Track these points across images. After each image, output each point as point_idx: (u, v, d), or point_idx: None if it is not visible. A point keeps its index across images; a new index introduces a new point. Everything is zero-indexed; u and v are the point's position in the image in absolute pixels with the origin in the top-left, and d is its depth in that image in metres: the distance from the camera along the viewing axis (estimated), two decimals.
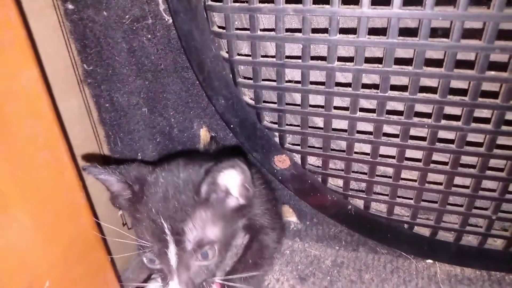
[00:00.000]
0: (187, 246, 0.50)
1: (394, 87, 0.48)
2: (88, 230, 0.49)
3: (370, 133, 0.52)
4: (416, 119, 0.49)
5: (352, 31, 0.45)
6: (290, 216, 0.74)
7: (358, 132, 0.53)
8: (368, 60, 0.47)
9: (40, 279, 0.43)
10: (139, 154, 0.66)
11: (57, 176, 0.43)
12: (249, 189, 0.55)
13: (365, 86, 0.49)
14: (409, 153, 0.52)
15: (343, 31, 0.46)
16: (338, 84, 0.50)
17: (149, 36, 0.57)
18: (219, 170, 0.51)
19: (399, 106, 0.50)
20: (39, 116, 0.40)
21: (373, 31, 0.45)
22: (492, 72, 0.43)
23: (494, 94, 0.45)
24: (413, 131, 0.50)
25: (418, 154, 0.52)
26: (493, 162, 0.50)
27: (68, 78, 0.63)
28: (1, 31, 0.35)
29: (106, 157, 0.68)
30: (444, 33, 0.43)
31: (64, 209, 0.45)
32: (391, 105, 0.51)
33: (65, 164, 0.44)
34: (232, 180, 0.53)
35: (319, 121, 0.55)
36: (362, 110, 0.51)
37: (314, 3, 0.45)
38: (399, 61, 0.46)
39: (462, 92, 0.46)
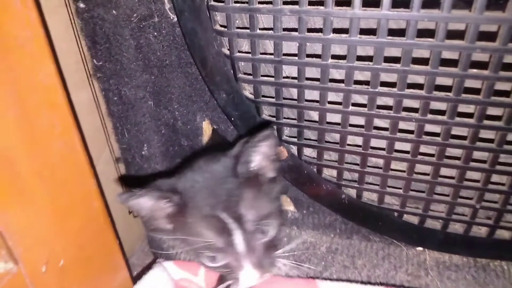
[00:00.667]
0: (249, 227, 0.51)
1: (386, 84, 0.52)
2: (99, 214, 0.53)
3: (362, 126, 0.56)
4: (404, 113, 0.52)
5: (346, 31, 0.49)
6: (288, 206, 0.78)
7: (351, 125, 0.56)
8: (362, 58, 0.51)
9: (55, 257, 0.47)
10: (145, 145, 0.70)
11: (71, 163, 0.47)
12: (278, 159, 0.58)
13: (357, 82, 0.53)
14: (398, 145, 0.56)
15: (338, 30, 0.49)
16: (332, 80, 0.54)
17: (155, 33, 0.60)
18: (255, 145, 0.52)
19: (389, 101, 0.53)
20: (55, 108, 0.44)
21: (367, 31, 0.48)
22: (474, 70, 0.47)
23: (477, 91, 0.48)
24: (402, 125, 0.54)
25: (407, 146, 0.55)
26: (476, 154, 0.53)
27: (78, 72, 0.67)
28: (22, 30, 0.39)
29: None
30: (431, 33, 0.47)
31: (77, 194, 0.49)
32: (383, 100, 0.55)
33: (78, 153, 0.48)
34: (263, 153, 0.55)
35: (315, 115, 0.58)
36: (355, 104, 0.55)
37: (310, 4, 0.48)
38: (392, 59, 0.49)
39: (448, 88, 0.49)
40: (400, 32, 0.47)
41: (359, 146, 0.58)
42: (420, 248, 0.69)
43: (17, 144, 0.40)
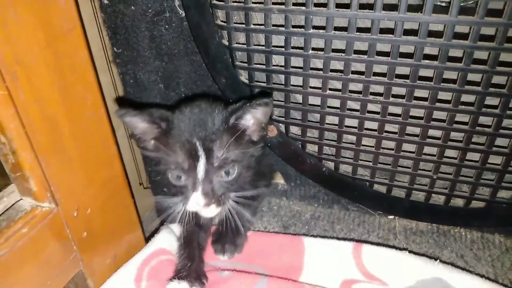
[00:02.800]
0: (214, 162, 0.59)
1: (356, 72, 0.62)
2: (118, 174, 0.64)
3: (338, 108, 0.67)
4: (371, 97, 0.63)
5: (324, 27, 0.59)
6: (278, 179, 0.89)
7: (329, 107, 0.67)
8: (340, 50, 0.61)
9: (84, 206, 0.58)
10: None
11: (98, 130, 0.58)
12: (265, 130, 0.66)
13: (334, 70, 0.63)
14: (367, 124, 0.66)
15: (318, 27, 0.60)
16: (314, 69, 0.65)
17: (166, 26, 0.71)
18: (254, 107, 0.60)
19: (359, 86, 0.64)
20: (87, 84, 0.55)
21: (343, 28, 0.59)
22: (426, 61, 0.57)
23: (430, 78, 0.59)
24: (370, 107, 0.64)
25: (374, 125, 0.66)
26: (431, 132, 0.64)
27: (99, 58, 0.78)
28: (65, 22, 0.50)
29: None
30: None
31: (101, 156, 0.60)
32: (358, 86, 0.65)
33: (104, 122, 0.59)
34: (256, 117, 0.62)
35: (299, 98, 0.69)
36: (332, 89, 0.65)
37: (294, 4, 0.58)
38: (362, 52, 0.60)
39: (407, 76, 0.60)
40: (367, 30, 0.57)
41: (336, 125, 0.69)
42: (391, 216, 0.80)
43: (60, 111, 0.51)
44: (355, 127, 0.68)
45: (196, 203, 0.59)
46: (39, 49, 0.46)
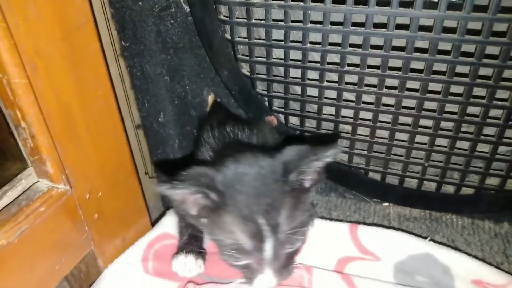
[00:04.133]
0: (282, 237, 0.50)
1: (352, 65, 0.66)
2: (127, 161, 0.68)
3: (334, 99, 0.70)
4: (365, 88, 0.66)
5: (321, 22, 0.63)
6: None
7: (326, 98, 0.71)
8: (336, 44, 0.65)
9: (96, 189, 0.62)
10: (161, 113, 0.85)
11: (108, 119, 0.62)
12: (321, 174, 0.56)
13: (331, 63, 0.67)
14: (362, 115, 0.70)
15: (316, 22, 0.63)
16: (311, 61, 0.68)
17: (172, 21, 0.75)
18: (321, 159, 0.51)
19: (355, 78, 0.67)
20: (99, 75, 0.58)
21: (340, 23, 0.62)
22: (417, 54, 0.61)
23: (421, 71, 0.63)
24: (365, 98, 0.68)
25: (369, 115, 0.70)
26: (423, 122, 0.68)
27: (107, 52, 0.81)
28: (80, 17, 0.53)
29: None
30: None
31: (111, 143, 0.64)
32: (353, 78, 0.69)
33: (114, 111, 0.63)
34: (320, 167, 0.54)
35: (298, 89, 0.73)
36: (328, 81, 0.69)
37: (293, 0, 0.62)
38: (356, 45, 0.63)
39: (399, 68, 0.63)
40: (362, 25, 0.61)
41: (333, 115, 0.72)
42: (385, 204, 0.84)
43: (74, 100, 0.55)
44: (351, 117, 0.71)
45: (266, 285, 0.52)
46: (56, 42, 0.50)
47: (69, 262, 0.60)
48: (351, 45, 0.63)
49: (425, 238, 0.76)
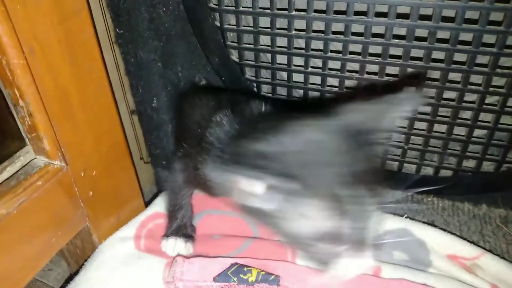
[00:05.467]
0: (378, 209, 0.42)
1: (335, 51, 0.69)
2: (120, 142, 0.71)
3: (319, 84, 0.74)
4: (347, 74, 0.70)
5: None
6: None
7: (311, 83, 0.74)
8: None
9: (90, 168, 0.66)
10: (154, 99, 0.88)
11: (102, 101, 0.65)
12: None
13: (315, 49, 0.70)
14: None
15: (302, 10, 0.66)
16: (297, 48, 0.71)
17: (164, 9, 0.77)
18: (392, 110, 0.43)
19: (338, 64, 0.70)
20: (93, 59, 0.62)
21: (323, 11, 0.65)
22: (396, 40, 0.64)
23: (400, 57, 0.66)
24: (347, 82, 0.71)
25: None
26: None
27: (102, 39, 0.84)
28: (75, 3, 0.57)
29: None
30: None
31: (105, 124, 0.67)
32: (336, 64, 0.72)
33: (108, 94, 0.66)
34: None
35: (285, 75, 0.76)
36: (313, 67, 0.72)
37: None
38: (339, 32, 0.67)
39: (379, 55, 0.67)
40: (343, 12, 0.64)
41: (318, 100, 0.76)
42: None
43: (69, 82, 0.58)
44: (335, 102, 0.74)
45: (362, 267, 0.44)
46: (52, 26, 0.53)
47: (65, 236, 0.63)
48: (334, 32, 0.66)
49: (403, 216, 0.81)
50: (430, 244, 0.69)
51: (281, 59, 0.74)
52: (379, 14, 0.62)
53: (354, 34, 0.65)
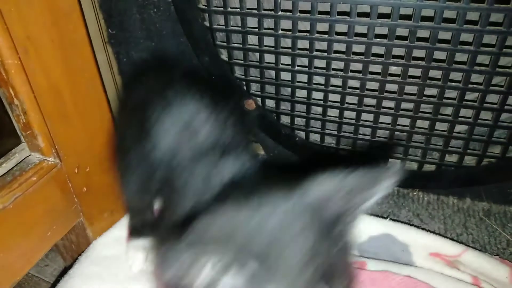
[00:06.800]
0: None
1: (320, 50, 0.71)
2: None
3: (306, 82, 0.76)
4: (333, 72, 0.72)
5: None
6: (259, 150, 0.98)
7: (298, 82, 0.77)
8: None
9: (84, 165, 0.68)
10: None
11: (95, 100, 0.67)
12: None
13: (300, 49, 0.72)
14: (331, 97, 0.76)
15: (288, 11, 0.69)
16: (284, 47, 0.74)
17: (155, 10, 0.80)
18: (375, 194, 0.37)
19: (324, 63, 0.73)
20: (85, 59, 0.64)
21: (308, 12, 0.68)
22: (377, 39, 0.66)
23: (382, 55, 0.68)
24: (334, 81, 0.74)
25: (337, 97, 0.76)
26: (386, 103, 0.74)
27: (96, 39, 0.86)
28: (68, 5, 0.59)
29: None
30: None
31: (98, 122, 0.69)
32: (322, 63, 0.74)
33: (100, 93, 0.68)
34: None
35: (273, 74, 0.78)
36: (300, 66, 0.75)
37: None
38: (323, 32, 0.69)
39: (362, 53, 0.69)
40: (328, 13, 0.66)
41: (305, 98, 0.78)
42: None
43: (63, 81, 0.60)
44: (321, 100, 0.77)
45: None
46: (45, 27, 0.55)
47: (60, 230, 0.65)
48: (319, 32, 0.69)
49: (392, 212, 0.83)
50: (413, 246, 0.71)
51: (269, 58, 0.76)
52: (361, 14, 0.65)
53: (338, 33, 0.68)
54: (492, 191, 0.83)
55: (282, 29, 0.71)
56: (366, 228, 0.74)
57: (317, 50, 0.71)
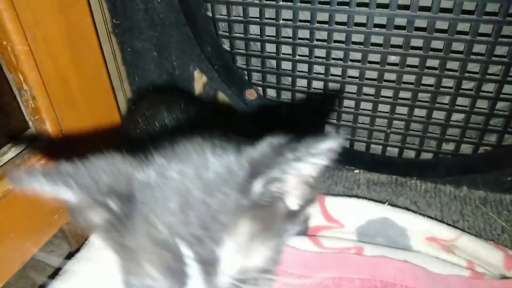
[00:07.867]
0: (221, 281, 0.32)
1: (320, 40, 0.73)
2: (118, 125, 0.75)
3: (306, 72, 0.78)
4: (332, 61, 0.74)
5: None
6: None
7: (298, 71, 0.78)
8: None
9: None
10: (150, 87, 0.92)
11: (100, 86, 0.70)
12: (316, 189, 0.38)
13: (301, 38, 0.74)
14: (331, 86, 0.77)
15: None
16: (285, 37, 0.75)
17: (159, 0, 0.81)
18: (304, 159, 0.32)
19: (324, 52, 0.74)
20: (91, 48, 0.66)
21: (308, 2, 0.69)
22: (376, 29, 0.68)
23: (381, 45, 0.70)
24: (333, 70, 0.75)
25: (337, 87, 0.77)
26: (384, 93, 0.75)
27: (100, 29, 0.88)
28: None
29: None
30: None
31: (104, 109, 0.71)
32: (322, 52, 0.76)
33: (105, 80, 0.70)
34: (305, 175, 0.36)
35: (274, 63, 0.80)
36: (300, 55, 0.76)
37: None
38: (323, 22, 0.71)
39: (361, 43, 0.71)
40: (328, 3, 0.68)
41: (305, 87, 0.80)
42: (356, 171, 0.92)
43: (69, 67, 0.62)
44: (321, 89, 0.79)
45: None
46: (53, 15, 0.57)
47: (66, 213, 0.67)
48: (319, 22, 0.70)
49: (390, 200, 0.85)
50: (410, 230, 0.73)
51: (270, 47, 0.78)
52: (360, 4, 0.66)
53: (338, 23, 0.69)
54: (488, 180, 0.85)
55: (283, 19, 0.72)
56: (365, 212, 0.76)
57: (317, 40, 0.73)
